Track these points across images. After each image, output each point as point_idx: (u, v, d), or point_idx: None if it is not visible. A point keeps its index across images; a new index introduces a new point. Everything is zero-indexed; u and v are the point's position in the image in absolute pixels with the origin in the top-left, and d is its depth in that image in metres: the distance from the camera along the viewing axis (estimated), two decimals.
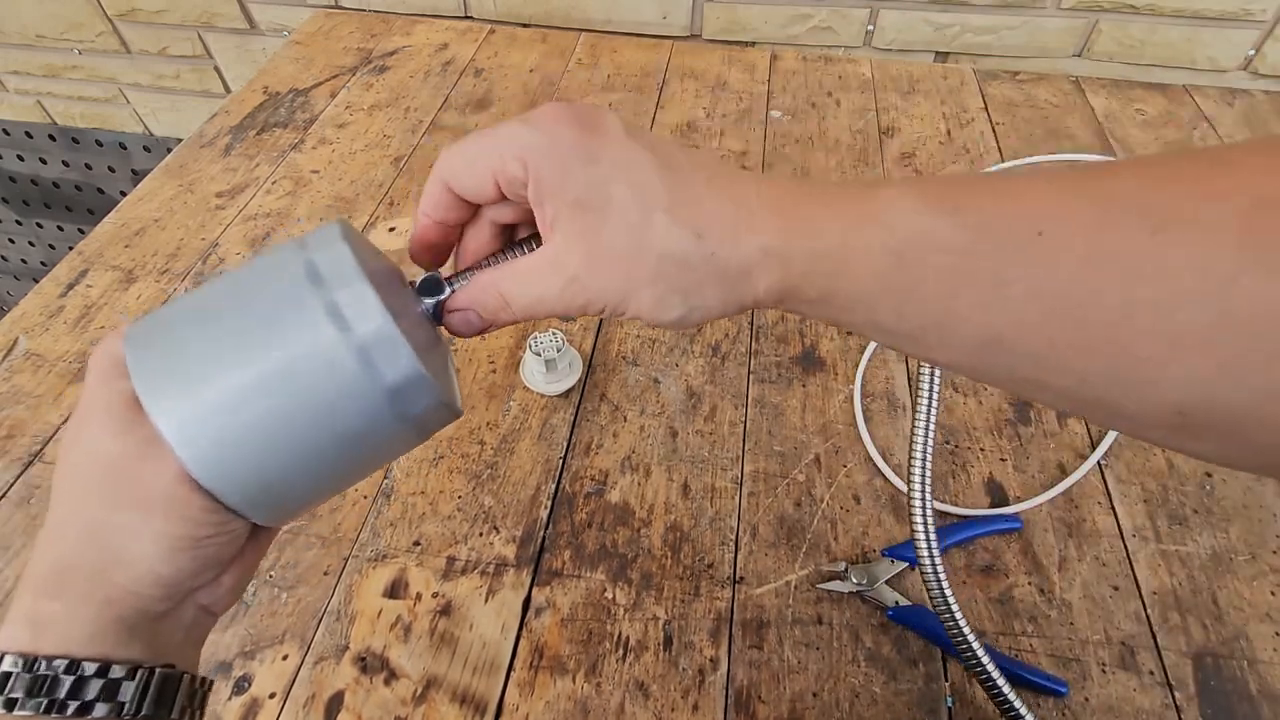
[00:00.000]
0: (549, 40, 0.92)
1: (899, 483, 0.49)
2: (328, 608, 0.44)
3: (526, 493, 0.49)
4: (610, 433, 0.52)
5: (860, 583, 0.44)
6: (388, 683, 0.41)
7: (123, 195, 0.95)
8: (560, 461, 0.51)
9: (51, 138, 1.28)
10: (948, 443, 0.52)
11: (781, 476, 0.50)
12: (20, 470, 0.50)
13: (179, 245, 0.66)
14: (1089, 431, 0.52)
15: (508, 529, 0.47)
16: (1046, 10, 0.85)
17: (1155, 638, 0.42)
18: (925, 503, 0.37)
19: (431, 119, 0.80)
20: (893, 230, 0.20)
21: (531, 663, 0.42)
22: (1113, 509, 0.48)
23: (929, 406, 0.36)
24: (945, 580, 0.37)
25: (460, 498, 0.49)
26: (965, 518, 0.47)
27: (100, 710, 0.20)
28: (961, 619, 0.37)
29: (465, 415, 0.53)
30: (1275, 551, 0.46)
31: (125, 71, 1.15)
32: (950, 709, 0.40)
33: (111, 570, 0.21)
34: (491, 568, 0.45)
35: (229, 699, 0.40)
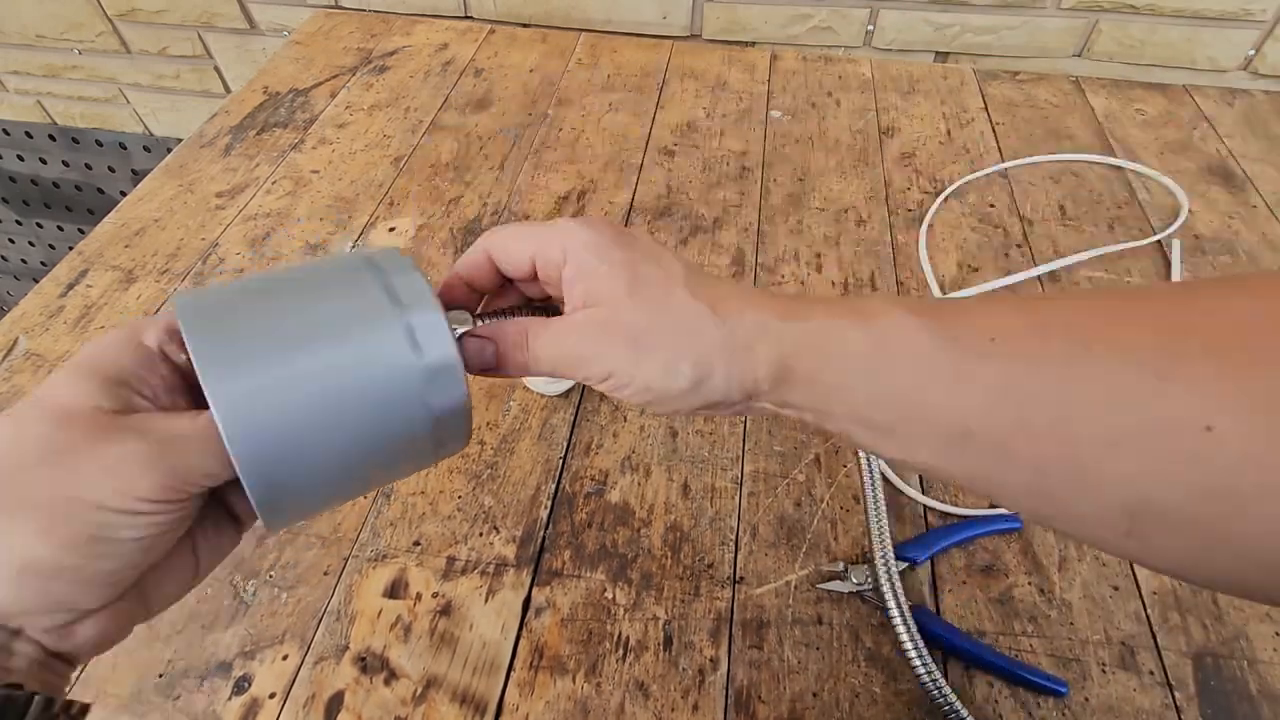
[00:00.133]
0: (549, 40, 0.92)
1: (899, 483, 0.49)
2: (328, 608, 0.44)
3: (526, 493, 0.49)
4: (610, 433, 0.52)
5: (860, 583, 0.44)
6: (388, 683, 0.41)
7: (123, 195, 0.95)
8: (560, 461, 0.51)
9: (51, 138, 1.28)
10: None
11: (781, 476, 0.50)
12: None
13: (179, 245, 0.66)
14: None
15: (508, 529, 0.47)
16: (1046, 10, 0.85)
17: (1155, 638, 0.42)
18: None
19: (431, 119, 0.80)
20: (871, 324, 0.24)
21: (531, 663, 0.42)
22: None
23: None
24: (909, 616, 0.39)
25: (460, 498, 0.49)
26: (965, 518, 0.47)
27: None
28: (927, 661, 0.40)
29: None
30: None
31: (125, 71, 1.15)
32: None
33: None
34: (491, 568, 0.46)
35: (229, 699, 0.40)
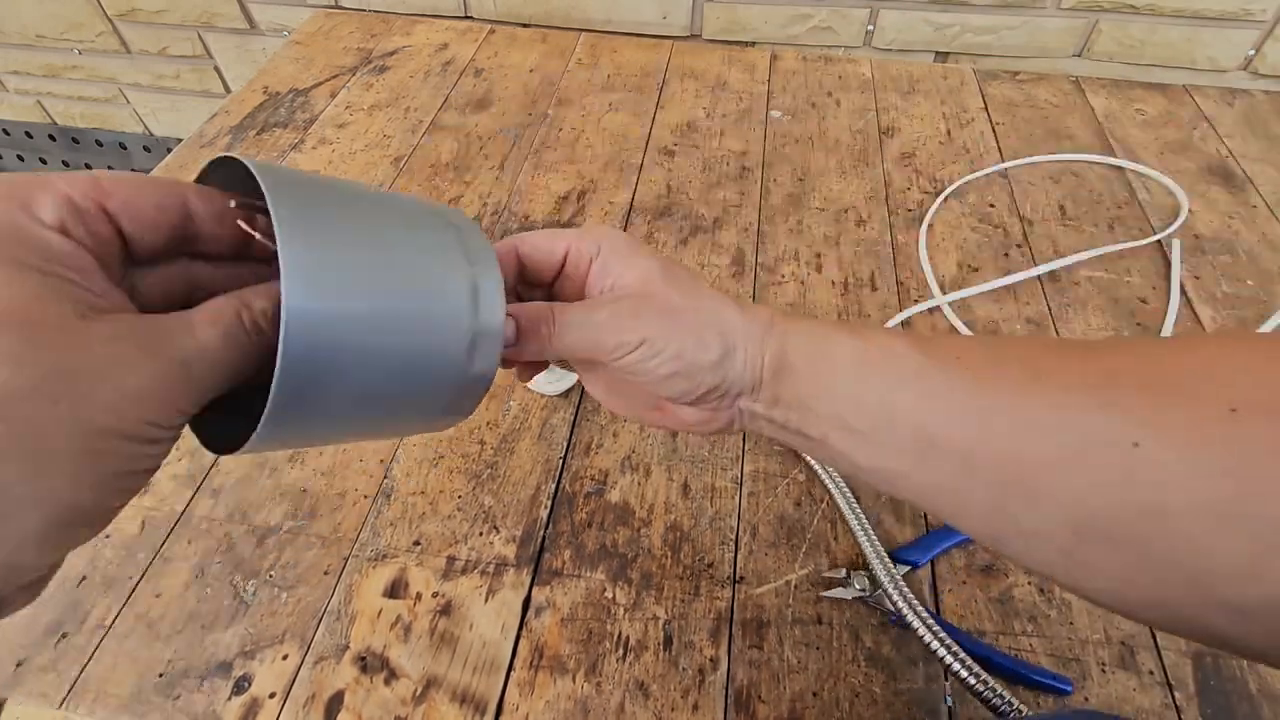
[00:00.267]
0: (549, 40, 0.92)
1: None
2: (328, 607, 0.44)
3: (526, 492, 0.49)
4: (610, 432, 0.52)
5: (862, 589, 0.44)
6: (388, 682, 0.41)
7: None
8: (560, 461, 0.51)
9: (51, 138, 1.28)
10: None
11: (781, 476, 0.50)
12: None
13: None
14: None
15: (508, 529, 0.47)
16: (1046, 10, 0.85)
17: (1155, 637, 0.42)
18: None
19: (431, 119, 0.80)
20: (859, 335, 0.27)
21: (531, 662, 0.42)
22: None
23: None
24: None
25: (460, 497, 0.49)
26: None
27: None
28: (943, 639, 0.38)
29: None
30: None
31: (125, 71, 1.15)
32: (950, 709, 0.40)
33: None
34: (491, 567, 0.46)
35: (229, 699, 0.40)
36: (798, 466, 0.50)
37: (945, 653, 0.39)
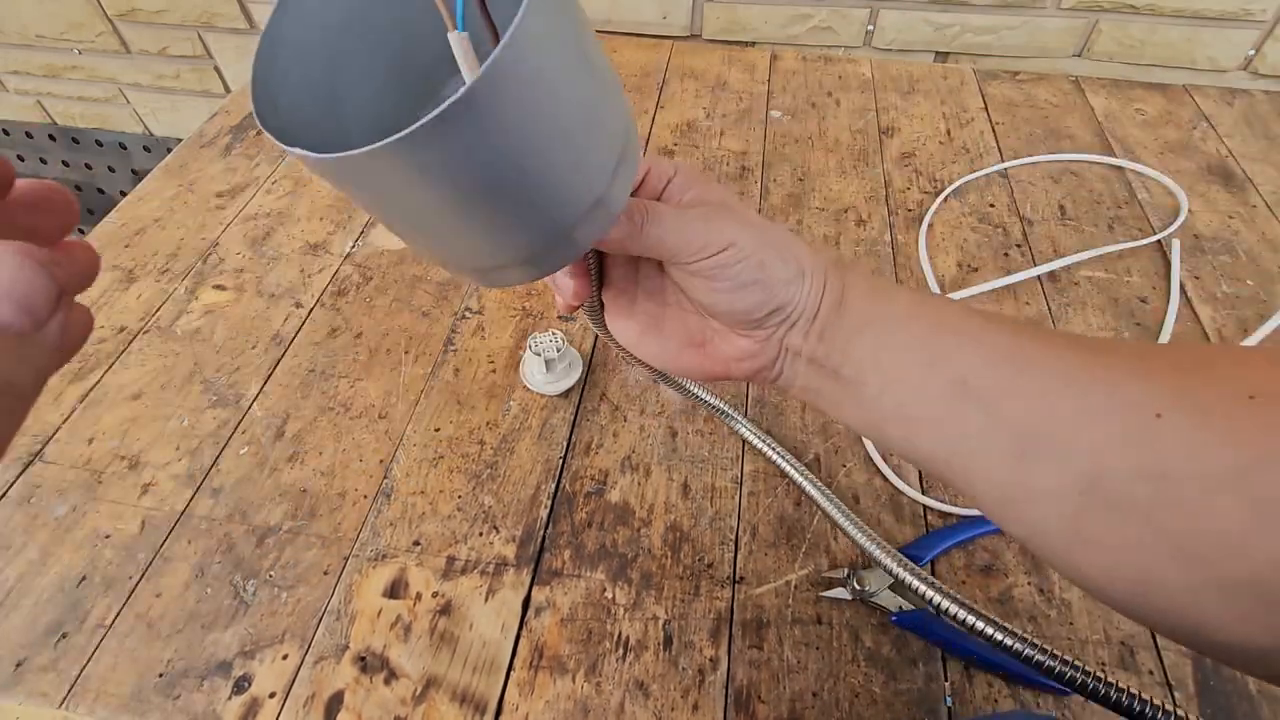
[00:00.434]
0: None
1: (898, 482, 0.49)
2: (328, 607, 0.44)
3: (526, 492, 0.49)
4: (610, 432, 0.52)
5: (862, 589, 0.44)
6: (388, 682, 0.41)
7: (123, 195, 0.95)
8: (560, 461, 0.51)
9: (51, 138, 1.28)
10: None
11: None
12: (20, 470, 0.50)
13: (179, 245, 0.66)
14: None
15: (508, 529, 0.47)
16: (1046, 10, 0.85)
17: (1155, 637, 0.42)
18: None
19: None
20: (918, 293, 0.29)
21: (531, 662, 0.42)
22: None
23: None
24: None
25: (460, 497, 0.49)
26: (965, 518, 0.47)
27: None
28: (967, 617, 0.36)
29: (465, 415, 0.53)
30: None
31: (125, 71, 1.15)
32: (950, 709, 0.40)
33: None
34: (491, 567, 0.46)
35: (229, 699, 0.40)
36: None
37: (991, 628, 0.35)
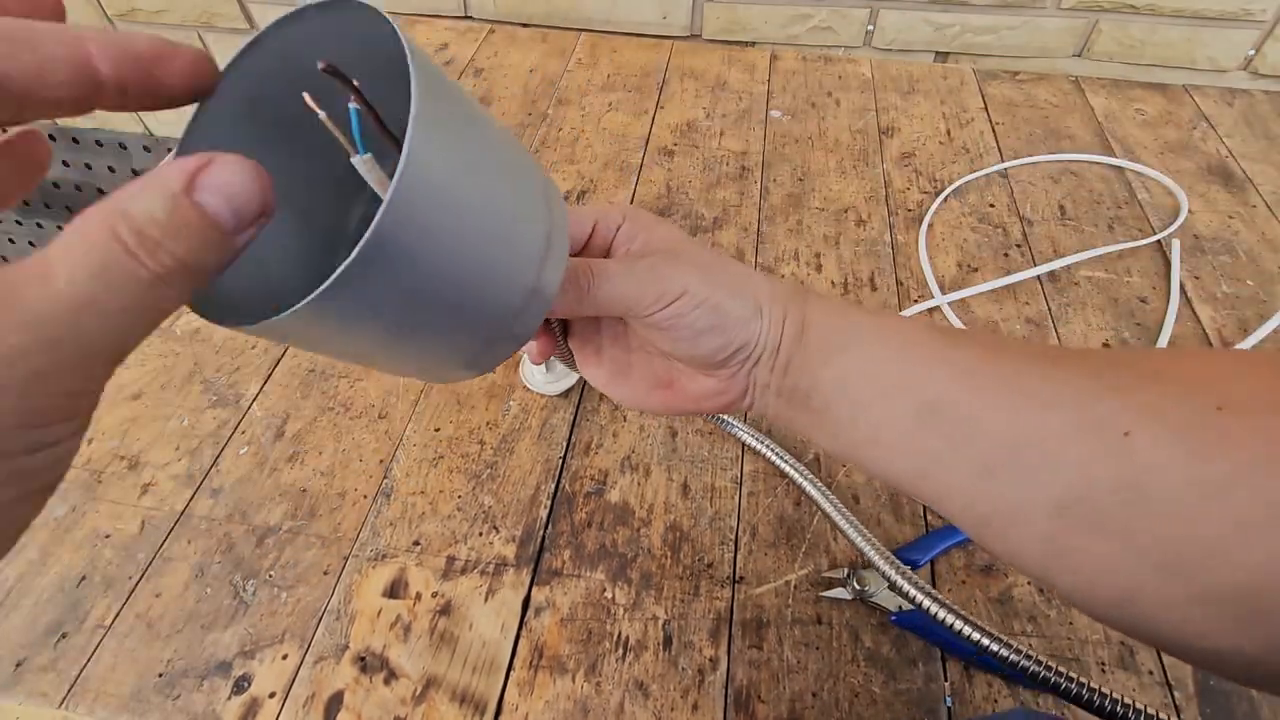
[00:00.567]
0: (549, 40, 0.92)
1: None
2: (327, 607, 0.44)
3: (526, 492, 0.49)
4: (610, 432, 0.52)
5: (862, 589, 0.44)
6: (387, 682, 0.41)
7: None
8: (560, 461, 0.51)
9: (52, 137, 1.28)
10: None
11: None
12: None
13: None
14: None
15: (507, 529, 0.47)
16: (1046, 10, 0.85)
17: None
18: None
19: None
20: (881, 314, 0.29)
21: (531, 662, 0.42)
22: None
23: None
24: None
25: (460, 497, 0.49)
26: None
27: None
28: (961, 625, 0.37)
29: (465, 415, 0.53)
30: None
31: None
32: (950, 709, 0.40)
33: None
34: (491, 567, 0.46)
35: (229, 699, 0.40)
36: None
37: (978, 634, 0.37)
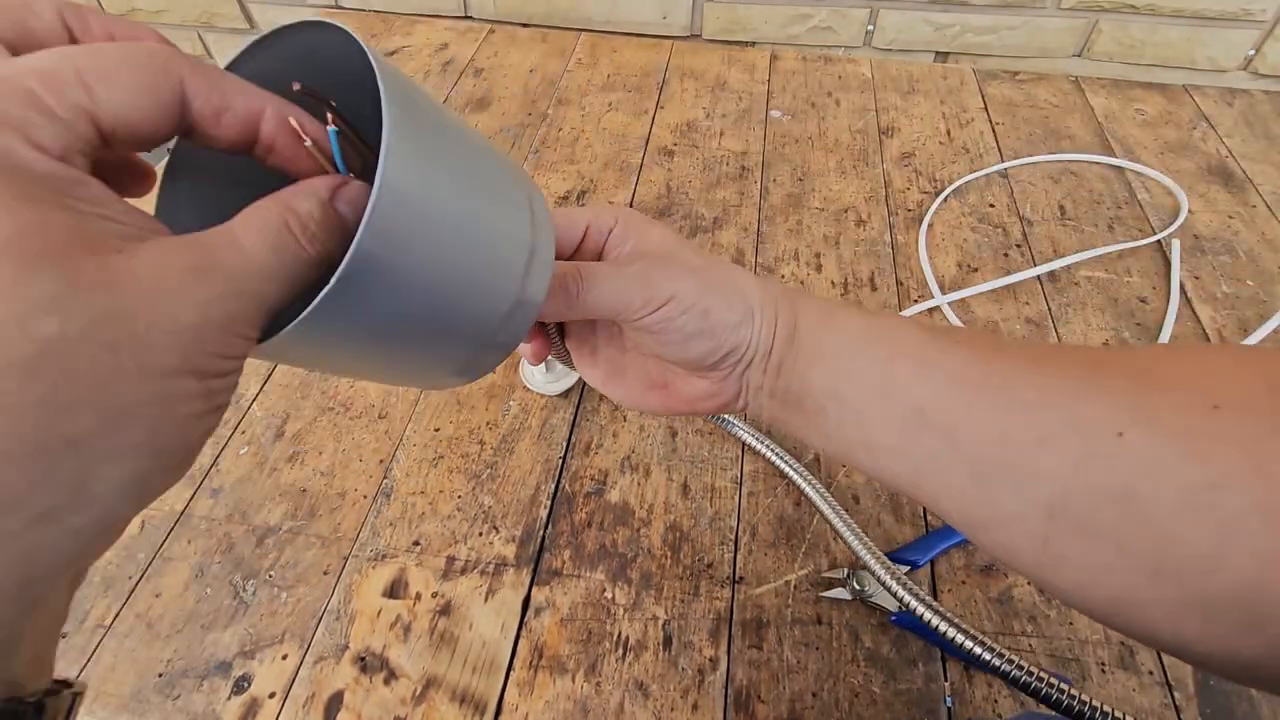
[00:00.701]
0: (549, 40, 0.92)
1: None
2: (327, 607, 0.44)
3: (526, 492, 0.49)
4: (610, 432, 0.52)
5: (861, 589, 0.44)
6: (387, 682, 0.41)
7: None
8: (560, 461, 0.51)
9: None
10: None
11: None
12: None
13: None
14: None
15: (507, 529, 0.47)
16: (1046, 10, 0.85)
17: None
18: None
19: None
20: (872, 314, 0.28)
21: (531, 662, 0.42)
22: None
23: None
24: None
25: (460, 497, 0.49)
26: None
27: None
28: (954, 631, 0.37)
29: (465, 415, 0.53)
30: None
31: None
32: (950, 709, 0.40)
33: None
34: (491, 567, 0.46)
35: (228, 698, 0.40)
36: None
37: (968, 640, 0.36)
